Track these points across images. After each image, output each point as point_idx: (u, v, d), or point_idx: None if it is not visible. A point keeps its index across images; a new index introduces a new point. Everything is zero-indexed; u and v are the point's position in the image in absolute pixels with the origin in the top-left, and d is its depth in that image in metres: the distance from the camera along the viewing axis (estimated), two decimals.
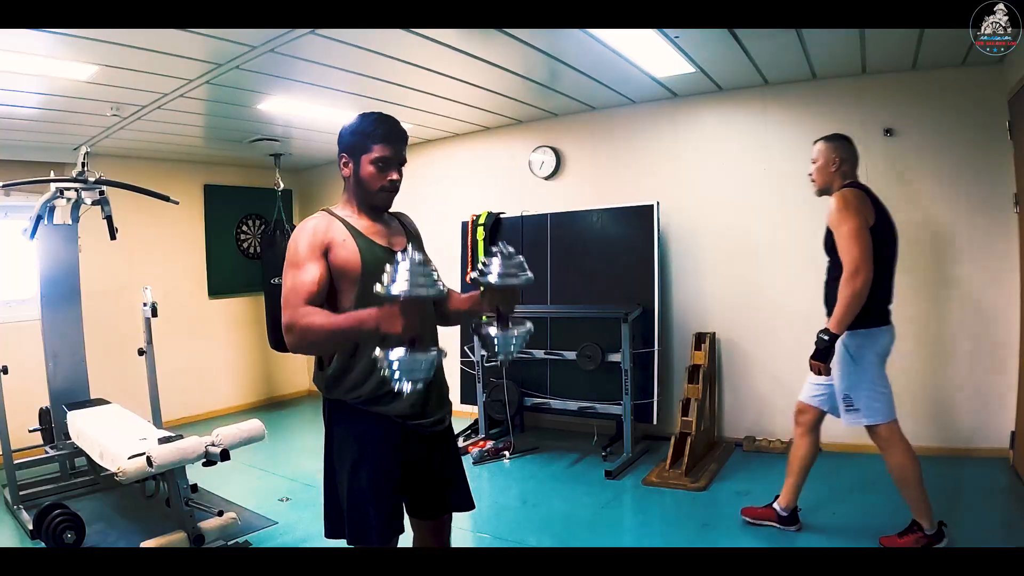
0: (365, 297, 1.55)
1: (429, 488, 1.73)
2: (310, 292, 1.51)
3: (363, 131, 1.64)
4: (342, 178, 1.70)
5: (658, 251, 4.12)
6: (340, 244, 1.58)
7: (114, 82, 3.25)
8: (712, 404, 4.13)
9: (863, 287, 2.48)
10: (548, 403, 4.41)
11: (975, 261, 3.60)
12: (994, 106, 3.45)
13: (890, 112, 3.74)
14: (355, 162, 1.65)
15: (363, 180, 1.65)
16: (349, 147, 1.66)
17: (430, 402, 1.68)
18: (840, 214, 2.54)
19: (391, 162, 1.65)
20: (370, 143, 1.63)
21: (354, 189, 1.67)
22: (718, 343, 4.22)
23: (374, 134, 1.63)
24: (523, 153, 4.91)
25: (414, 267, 1.30)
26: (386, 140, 1.63)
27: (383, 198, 1.67)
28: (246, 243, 6.00)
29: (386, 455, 1.62)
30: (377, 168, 1.63)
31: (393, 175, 1.65)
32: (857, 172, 2.77)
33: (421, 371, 1.34)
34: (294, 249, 1.57)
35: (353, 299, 1.58)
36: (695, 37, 3.12)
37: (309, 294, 1.51)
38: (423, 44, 3.00)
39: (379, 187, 1.65)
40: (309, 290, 1.51)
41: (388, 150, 1.63)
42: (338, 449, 1.66)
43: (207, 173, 5.68)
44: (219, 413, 5.62)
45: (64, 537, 2.81)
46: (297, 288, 1.51)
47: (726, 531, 2.99)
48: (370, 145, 1.63)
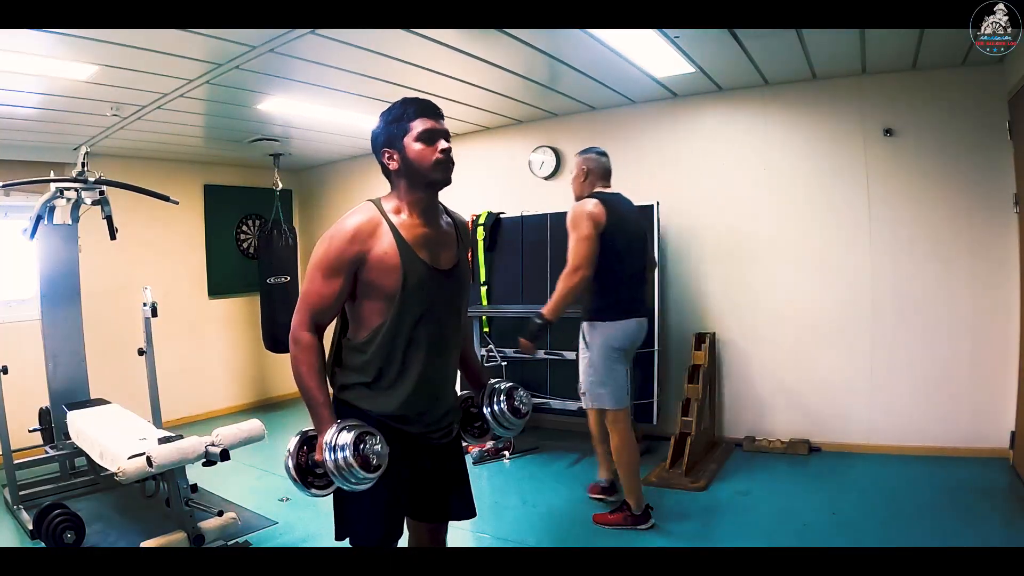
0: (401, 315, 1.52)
1: (433, 495, 1.72)
2: (324, 308, 1.51)
3: (396, 117, 1.56)
4: (390, 179, 1.60)
5: (658, 251, 4.12)
6: (381, 256, 1.49)
7: (114, 82, 3.25)
8: (712, 404, 4.13)
9: (578, 284, 2.80)
10: (548, 403, 4.41)
11: (975, 261, 3.60)
12: (994, 106, 3.46)
13: (890, 112, 3.74)
14: (399, 150, 1.54)
15: (414, 162, 1.53)
16: (388, 139, 1.56)
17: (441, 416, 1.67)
18: (574, 220, 2.86)
19: (436, 132, 1.54)
20: (407, 124, 1.54)
21: (406, 178, 1.56)
22: (718, 343, 4.22)
23: (409, 114, 1.54)
24: (523, 153, 4.91)
25: (347, 470, 1.43)
26: (424, 113, 1.55)
27: (441, 171, 1.55)
28: (246, 243, 6.00)
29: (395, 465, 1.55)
30: (425, 141, 1.53)
31: (443, 143, 1.55)
32: (608, 182, 3.05)
33: (342, 478, 1.45)
34: (326, 250, 1.50)
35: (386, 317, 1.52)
36: (695, 37, 3.12)
37: (318, 310, 1.51)
38: (423, 44, 3.00)
39: (433, 160, 1.53)
40: (320, 306, 1.51)
41: (429, 122, 1.54)
42: None
43: (207, 173, 5.68)
44: (219, 413, 5.62)
45: (64, 537, 2.81)
46: (309, 298, 1.51)
47: (726, 531, 2.99)
48: (408, 125, 1.53)
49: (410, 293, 1.51)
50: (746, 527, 3.00)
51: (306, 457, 1.50)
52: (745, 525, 3.03)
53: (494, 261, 4.73)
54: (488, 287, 4.72)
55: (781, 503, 3.23)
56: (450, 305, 1.63)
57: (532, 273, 4.57)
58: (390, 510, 1.62)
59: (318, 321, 1.54)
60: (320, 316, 1.53)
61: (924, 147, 3.69)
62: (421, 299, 1.54)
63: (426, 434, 1.64)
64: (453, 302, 1.65)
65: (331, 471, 1.43)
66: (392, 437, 1.53)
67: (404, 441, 1.59)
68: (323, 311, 1.52)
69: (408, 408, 1.58)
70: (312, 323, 1.53)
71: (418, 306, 1.54)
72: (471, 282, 1.53)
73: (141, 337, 3.75)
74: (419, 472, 1.66)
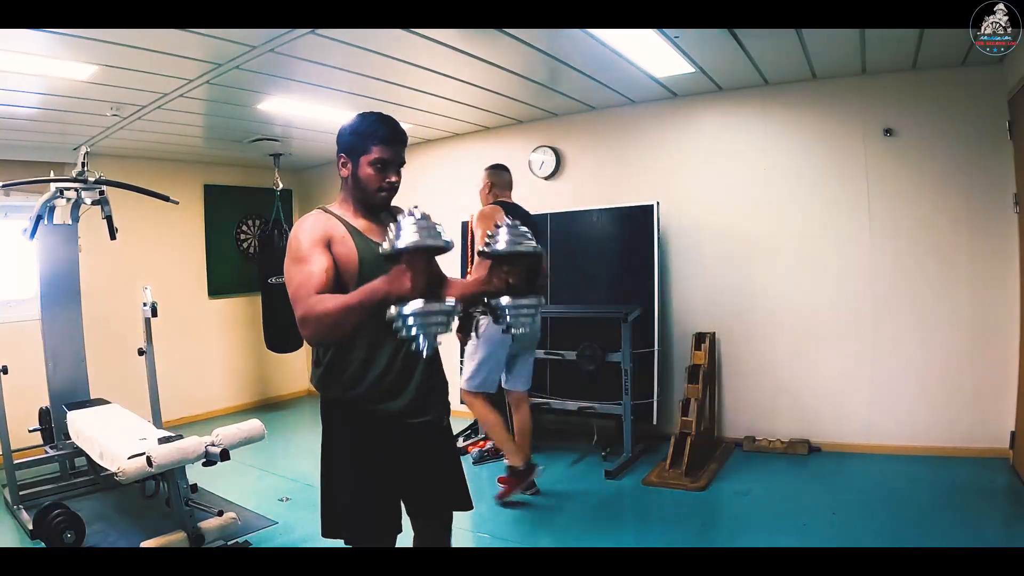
0: None
1: (427, 488, 1.72)
2: (320, 283, 1.48)
3: (362, 132, 1.62)
4: (340, 177, 1.69)
5: (658, 251, 4.12)
6: (339, 241, 1.57)
7: (114, 82, 3.25)
8: (712, 404, 4.13)
9: None
10: (548, 403, 4.41)
11: (975, 261, 3.60)
12: (994, 106, 3.46)
13: (890, 112, 3.74)
14: (353, 163, 1.64)
15: (361, 181, 1.63)
16: (348, 147, 1.64)
17: (428, 400, 1.66)
18: (479, 221, 3.24)
19: (390, 164, 1.63)
20: (369, 144, 1.61)
21: (352, 189, 1.66)
22: (718, 343, 4.22)
23: (373, 135, 1.61)
24: (523, 153, 4.91)
25: (418, 221, 1.30)
26: (385, 142, 1.61)
27: (381, 199, 1.65)
28: (246, 243, 6.00)
29: (383, 454, 1.61)
30: (376, 170, 1.62)
31: (392, 177, 1.64)
32: (508, 193, 3.52)
33: (438, 323, 1.31)
34: (296, 245, 1.55)
35: None
36: (695, 37, 3.12)
37: (320, 285, 1.48)
38: (423, 44, 3.00)
39: (377, 188, 1.63)
40: (319, 281, 1.49)
41: (387, 152, 1.61)
42: (335, 448, 1.66)
43: (207, 173, 5.68)
44: (219, 413, 5.62)
45: (64, 537, 2.81)
46: (305, 282, 1.50)
47: (726, 531, 2.99)
48: (369, 146, 1.61)
49: (368, 270, 1.53)
50: (746, 527, 3.00)
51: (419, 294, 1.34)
52: (745, 525, 3.03)
53: None
54: None
55: (781, 503, 3.23)
56: None
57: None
58: (383, 500, 1.62)
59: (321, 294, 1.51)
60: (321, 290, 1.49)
61: (924, 147, 3.69)
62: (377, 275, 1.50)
63: (408, 416, 1.63)
64: None
65: (413, 231, 1.30)
66: (375, 423, 1.56)
67: (387, 425, 1.60)
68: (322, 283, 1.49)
69: (384, 386, 1.59)
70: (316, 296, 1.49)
71: None
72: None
73: (141, 337, 3.75)
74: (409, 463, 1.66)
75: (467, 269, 4.73)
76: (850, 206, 3.86)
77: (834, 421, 3.95)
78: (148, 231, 5.08)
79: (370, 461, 1.61)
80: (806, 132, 4.00)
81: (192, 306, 5.59)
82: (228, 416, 5.49)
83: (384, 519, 1.63)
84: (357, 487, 1.61)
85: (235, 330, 5.94)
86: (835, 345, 3.94)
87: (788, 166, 4.04)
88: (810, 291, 4.01)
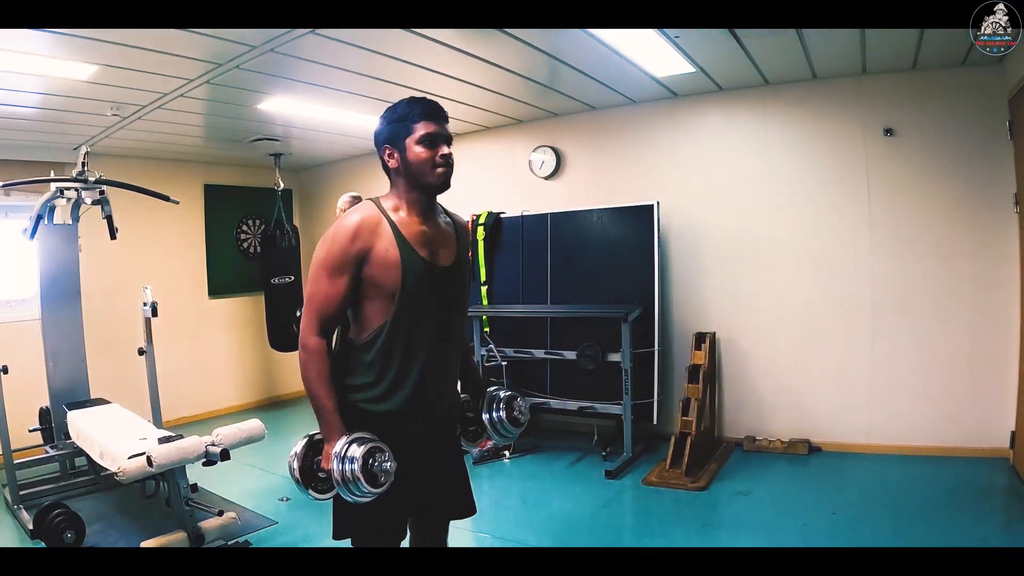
0: (400, 313, 1.52)
1: (433, 495, 1.71)
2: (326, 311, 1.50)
3: (401, 115, 1.55)
4: (387, 174, 1.60)
5: (658, 251, 4.12)
6: (382, 253, 1.50)
7: (114, 82, 3.25)
8: (712, 404, 4.13)
9: None
10: (548, 403, 4.41)
11: (975, 261, 3.60)
12: (994, 106, 3.45)
13: (890, 112, 3.74)
14: (400, 150, 1.54)
15: (413, 165, 1.54)
16: (390, 136, 1.56)
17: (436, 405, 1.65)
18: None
19: (438, 137, 1.54)
20: (411, 123, 1.53)
21: (405, 179, 1.56)
22: (718, 343, 4.22)
23: (413, 113, 1.54)
24: (523, 153, 4.91)
25: (352, 483, 1.43)
26: (428, 116, 1.54)
27: (439, 176, 1.55)
28: (246, 243, 6.00)
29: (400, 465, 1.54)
30: (426, 146, 1.53)
31: (444, 149, 1.55)
32: None
33: (347, 488, 1.46)
34: (328, 249, 1.50)
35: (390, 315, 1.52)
36: (695, 37, 3.12)
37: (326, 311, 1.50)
38: (423, 44, 3.00)
39: (432, 165, 1.53)
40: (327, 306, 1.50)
41: (432, 125, 1.54)
42: None
43: (207, 173, 5.68)
44: (219, 413, 5.62)
45: (64, 537, 2.81)
46: (316, 299, 1.50)
47: (726, 531, 2.99)
48: (411, 126, 1.53)
49: (410, 290, 1.51)
50: (746, 527, 3.00)
51: (312, 461, 1.51)
52: (745, 525, 3.03)
53: (494, 261, 4.73)
54: (488, 287, 4.72)
55: (781, 503, 3.24)
56: (451, 302, 1.63)
57: (532, 273, 4.57)
58: (393, 511, 1.61)
59: (325, 323, 1.52)
60: (328, 317, 1.52)
61: (924, 147, 3.69)
62: (421, 295, 1.53)
63: (429, 432, 1.64)
64: (453, 298, 1.65)
65: (337, 481, 1.44)
66: (396, 436, 1.53)
67: (407, 440, 1.58)
68: (331, 311, 1.51)
69: (411, 406, 1.58)
70: (320, 326, 1.52)
71: (418, 303, 1.53)
72: (471, 281, 1.55)
73: (141, 337, 3.75)
74: (421, 471, 1.65)
75: None
76: (850, 206, 3.86)
77: (834, 421, 3.95)
78: (148, 231, 5.08)
79: None
80: (806, 132, 4.00)
81: (192, 306, 5.59)
82: (228, 416, 5.49)
83: (394, 526, 1.62)
84: None
85: (235, 330, 5.94)
86: (835, 345, 3.94)
87: (788, 166, 4.04)
88: (810, 291, 4.01)
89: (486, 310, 4.56)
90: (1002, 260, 3.51)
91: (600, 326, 4.13)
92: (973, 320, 3.62)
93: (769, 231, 4.10)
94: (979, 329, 3.61)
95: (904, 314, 3.78)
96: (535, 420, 4.77)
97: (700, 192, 4.28)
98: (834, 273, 3.93)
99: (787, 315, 4.06)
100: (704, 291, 4.30)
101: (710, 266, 4.27)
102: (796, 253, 4.03)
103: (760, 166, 4.11)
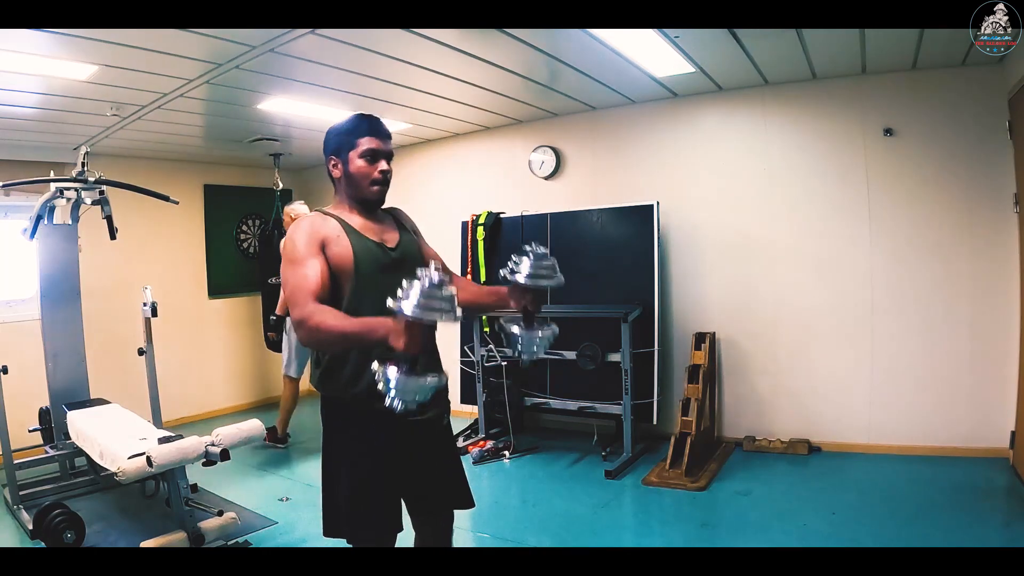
0: (359, 292, 1.58)
1: (427, 486, 1.72)
2: (315, 288, 1.51)
3: (347, 129, 1.68)
4: (332, 181, 1.72)
5: (658, 251, 4.12)
6: (334, 240, 1.59)
7: (114, 82, 3.25)
8: (712, 404, 4.13)
9: None
10: (548, 403, 4.41)
11: (975, 261, 3.60)
12: (994, 106, 3.45)
13: (890, 112, 3.74)
14: (343, 160, 1.67)
15: (353, 175, 1.66)
16: (335, 147, 1.68)
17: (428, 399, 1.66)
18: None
19: (379, 153, 1.66)
20: (355, 138, 1.66)
21: (346, 187, 1.69)
22: (718, 343, 4.22)
23: (358, 129, 1.66)
24: (523, 153, 4.91)
25: (428, 289, 1.28)
26: (372, 133, 1.66)
27: (376, 191, 1.68)
28: (246, 243, 6.00)
29: (383, 452, 1.61)
30: (367, 160, 1.65)
31: (383, 165, 1.67)
32: None
33: (412, 395, 1.33)
34: (292, 247, 1.58)
35: (348, 294, 1.59)
36: (695, 37, 3.12)
37: (315, 289, 1.51)
38: (423, 44, 3.00)
39: (371, 179, 1.66)
40: (314, 285, 1.51)
41: (375, 142, 1.66)
42: (336, 447, 1.66)
43: (207, 173, 5.68)
44: (219, 413, 5.62)
45: (64, 537, 2.81)
46: (302, 285, 1.52)
47: (726, 531, 2.99)
48: (355, 140, 1.65)
49: (363, 270, 1.59)
50: (746, 527, 3.00)
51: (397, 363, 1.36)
52: (745, 525, 3.03)
53: (494, 261, 4.73)
54: None
55: (781, 503, 3.24)
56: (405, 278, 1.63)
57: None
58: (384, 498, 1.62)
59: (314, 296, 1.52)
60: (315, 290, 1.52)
61: (924, 147, 3.69)
62: (374, 276, 1.59)
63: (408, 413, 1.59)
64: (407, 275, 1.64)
65: (417, 302, 1.28)
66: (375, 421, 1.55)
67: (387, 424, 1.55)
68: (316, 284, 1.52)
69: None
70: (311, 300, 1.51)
71: (372, 281, 1.59)
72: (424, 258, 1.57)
73: (141, 337, 3.75)
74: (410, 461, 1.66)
75: (466, 269, 4.74)
76: (850, 205, 3.86)
77: (834, 421, 3.95)
78: (148, 231, 5.08)
79: (370, 460, 1.61)
80: (806, 132, 4.00)
81: (192, 306, 5.59)
82: (228, 416, 5.50)
83: (385, 517, 1.63)
84: (358, 486, 1.61)
85: (235, 330, 5.93)
86: (835, 344, 3.94)
87: (788, 166, 4.04)
88: (810, 290, 4.02)
89: None
90: (1002, 260, 3.51)
91: (600, 326, 4.13)
92: (973, 320, 3.62)
93: (769, 231, 4.10)
94: (979, 329, 3.61)
95: (904, 314, 3.78)
96: (535, 420, 4.77)
97: (700, 192, 4.28)
98: (834, 273, 3.93)
99: (787, 315, 4.06)
100: (704, 291, 4.30)
101: (710, 266, 4.27)
102: (796, 253, 4.03)
103: (760, 166, 4.11)
